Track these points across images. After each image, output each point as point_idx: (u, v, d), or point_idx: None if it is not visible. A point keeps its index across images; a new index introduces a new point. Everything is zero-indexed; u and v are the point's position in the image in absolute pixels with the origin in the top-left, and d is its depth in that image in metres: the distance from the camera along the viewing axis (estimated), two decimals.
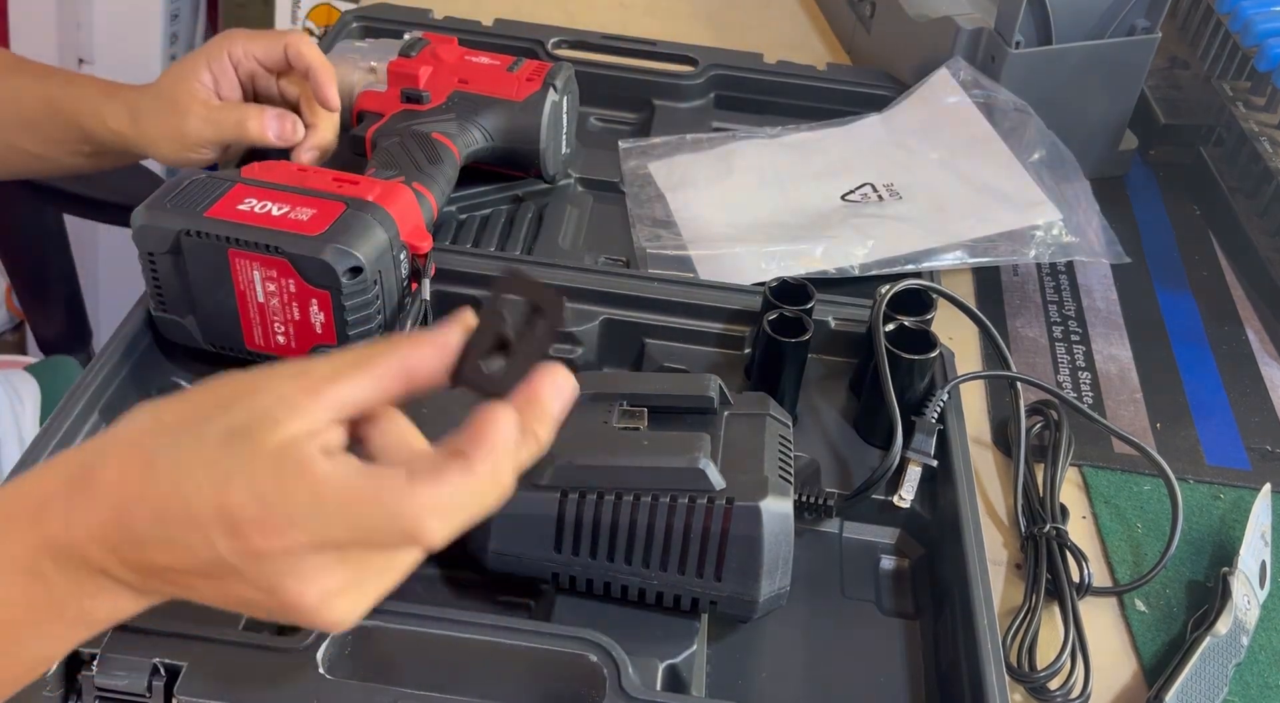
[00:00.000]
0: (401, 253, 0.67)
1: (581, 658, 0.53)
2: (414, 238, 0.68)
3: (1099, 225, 0.85)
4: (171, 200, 0.65)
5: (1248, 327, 0.89)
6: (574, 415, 0.62)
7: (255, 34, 0.76)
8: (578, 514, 0.57)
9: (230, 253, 0.63)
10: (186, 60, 0.75)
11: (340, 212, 0.64)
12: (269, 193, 0.65)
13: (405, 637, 0.54)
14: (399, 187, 0.69)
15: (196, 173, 0.67)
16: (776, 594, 0.57)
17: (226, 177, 0.67)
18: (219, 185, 0.66)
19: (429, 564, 0.63)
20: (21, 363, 1.11)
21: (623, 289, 0.75)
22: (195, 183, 0.66)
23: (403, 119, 0.79)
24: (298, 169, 0.69)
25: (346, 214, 0.64)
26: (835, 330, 0.75)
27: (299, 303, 0.64)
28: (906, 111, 0.95)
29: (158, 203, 0.65)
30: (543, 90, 0.82)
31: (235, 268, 0.64)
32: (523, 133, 0.81)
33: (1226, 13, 1.02)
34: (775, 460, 0.59)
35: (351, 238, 0.63)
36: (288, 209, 0.64)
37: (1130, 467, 0.76)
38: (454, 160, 0.77)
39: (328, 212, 0.64)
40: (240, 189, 0.66)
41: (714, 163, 0.91)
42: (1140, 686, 0.65)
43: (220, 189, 0.65)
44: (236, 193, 0.65)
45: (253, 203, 0.64)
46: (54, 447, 0.60)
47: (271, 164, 0.69)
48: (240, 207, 0.64)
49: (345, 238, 0.63)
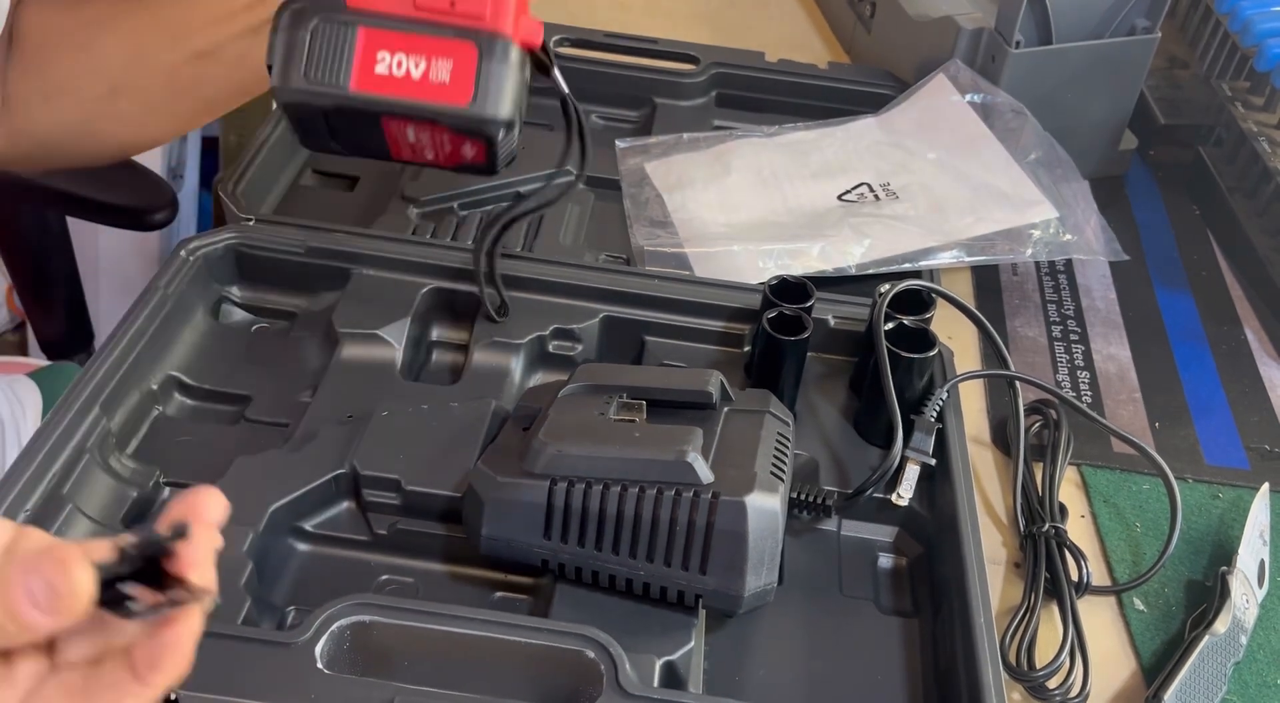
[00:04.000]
0: (527, 66, 0.66)
1: (579, 654, 0.53)
2: (531, 36, 0.66)
3: (1097, 224, 0.85)
4: (306, 68, 0.63)
5: (1247, 326, 0.89)
6: (572, 406, 0.62)
7: None
8: (566, 502, 0.57)
9: (384, 120, 0.64)
10: None
11: (475, 61, 0.63)
12: (397, 39, 0.63)
13: (403, 632, 0.54)
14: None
15: (307, 16, 0.64)
16: (762, 590, 0.57)
17: (344, 19, 0.63)
18: (344, 36, 0.63)
19: (428, 559, 0.63)
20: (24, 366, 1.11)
21: (623, 287, 0.75)
22: (318, 35, 0.63)
23: None
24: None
25: (483, 67, 0.63)
26: (834, 329, 0.75)
27: (451, 143, 0.66)
28: (903, 113, 0.95)
29: (292, 74, 0.63)
30: None
31: (388, 128, 0.64)
32: None
33: (1226, 13, 1.02)
34: (769, 457, 0.59)
35: (498, 98, 0.63)
36: (425, 65, 0.63)
37: (1129, 466, 0.76)
38: None
39: (464, 62, 0.63)
40: (365, 37, 0.63)
41: (711, 162, 0.91)
42: (1139, 684, 0.65)
43: (347, 41, 0.63)
44: (366, 45, 0.63)
45: (388, 59, 0.63)
46: (53, 444, 0.60)
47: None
48: (379, 69, 0.63)
49: (494, 101, 0.62)
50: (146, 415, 0.68)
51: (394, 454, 0.64)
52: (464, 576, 0.63)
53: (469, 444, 0.65)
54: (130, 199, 1.12)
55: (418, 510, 0.63)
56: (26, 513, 0.58)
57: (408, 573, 0.63)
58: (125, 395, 0.66)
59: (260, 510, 0.60)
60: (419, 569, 0.63)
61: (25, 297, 1.27)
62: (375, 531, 0.63)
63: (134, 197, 1.12)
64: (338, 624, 0.53)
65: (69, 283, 1.25)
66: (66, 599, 0.38)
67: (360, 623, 0.54)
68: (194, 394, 0.71)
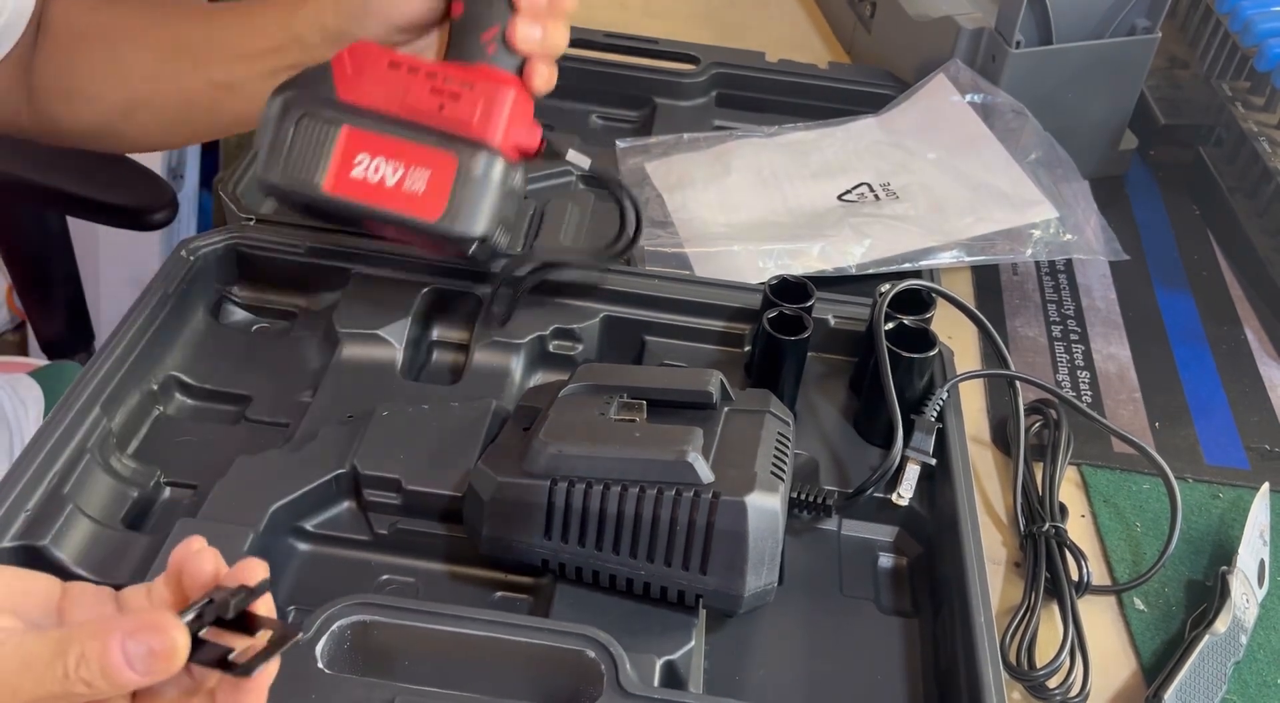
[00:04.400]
0: (515, 175, 0.65)
1: (579, 654, 0.53)
2: (525, 142, 0.65)
3: (1097, 223, 0.85)
4: (285, 164, 0.63)
5: (1247, 326, 0.89)
6: (572, 406, 0.62)
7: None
8: (566, 502, 0.57)
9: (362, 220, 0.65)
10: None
11: (453, 174, 0.63)
12: (379, 143, 0.63)
13: (404, 632, 0.54)
14: (503, 90, 0.64)
15: (295, 108, 0.64)
16: (763, 590, 0.57)
17: (329, 118, 0.64)
18: (326, 134, 0.63)
19: (428, 559, 0.63)
20: (24, 365, 1.11)
21: (623, 286, 0.75)
22: (302, 131, 0.63)
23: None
24: (389, 67, 0.64)
25: (459, 181, 0.63)
26: (835, 329, 0.75)
27: (430, 243, 0.67)
28: (903, 113, 0.95)
29: (273, 166, 0.63)
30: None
31: (367, 223, 0.65)
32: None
33: (1226, 13, 1.02)
34: (769, 457, 0.59)
35: (470, 216, 0.63)
36: (402, 172, 0.63)
37: (1129, 466, 0.76)
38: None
39: (441, 174, 0.63)
40: (347, 138, 0.63)
41: (711, 163, 0.91)
42: (1139, 684, 0.65)
43: (328, 141, 0.63)
44: (346, 147, 0.63)
45: (366, 163, 0.63)
46: (54, 444, 0.60)
47: (364, 54, 0.65)
48: (354, 173, 0.63)
49: (465, 218, 0.63)
50: (147, 415, 0.68)
51: (394, 454, 0.64)
52: (464, 575, 0.63)
53: (469, 444, 0.65)
54: (130, 199, 1.12)
55: (418, 510, 0.63)
56: (27, 513, 0.58)
57: (408, 573, 0.63)
58: (126, 395, 0.66)
59: (261, 511, 0.60)
60: (419, 569, 0.63)
61: (25, 296, 1.27)
62: (376, 530, 0.63)
63: (134, 196, 1.12)
64: (338, 624, 0.53)
65: (69, 283, 1.25)
66: (163, 661, 0.40)
67: (361, 623, 0.54)
68: (194, 394, 0.71)
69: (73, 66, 0.73)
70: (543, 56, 0.66)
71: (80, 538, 0.59)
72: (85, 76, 0.73)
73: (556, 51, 0.67)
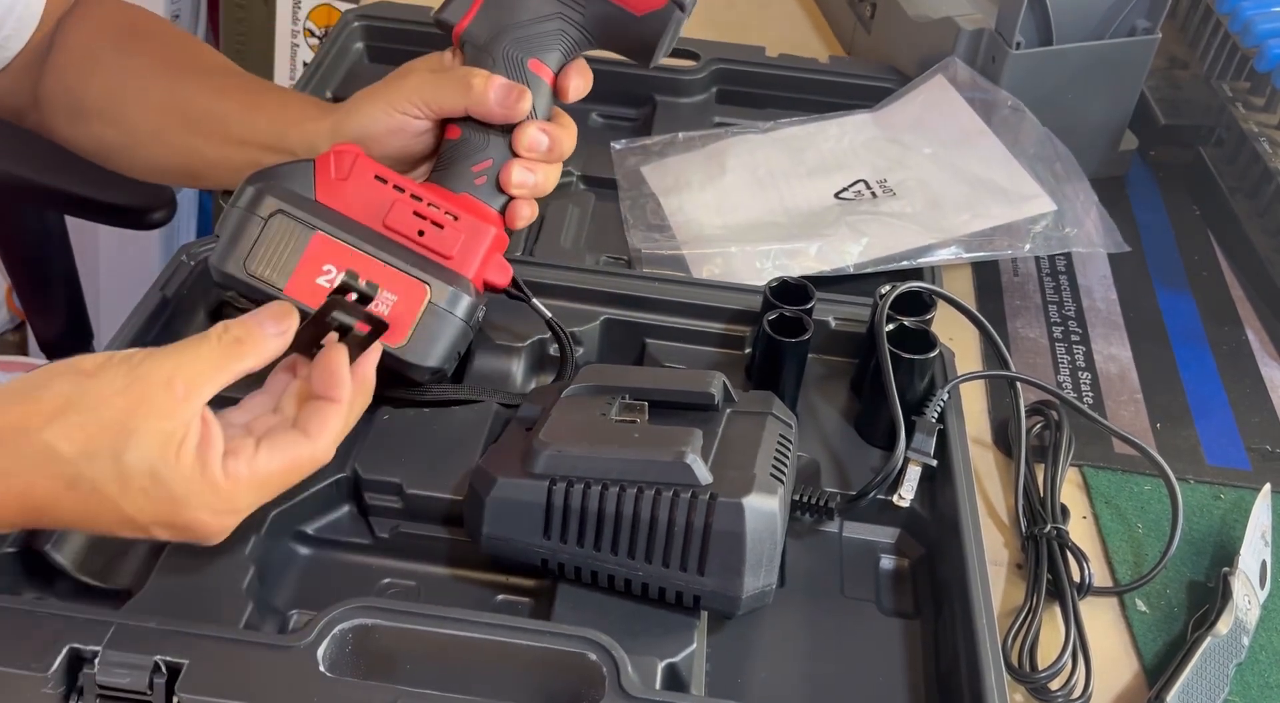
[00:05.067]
0: (479, 312, 0.65)
1: (581, 657, 0.53)
2: (496, 280, 0.66)
3: (1096, 216, 0.85)
4: (249, 259, 0.61)
5: (1247, 327, 0.89)
6: (574, 407, 0.62)
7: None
8: (565, 502, 0.57)
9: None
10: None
11: (421, 306, 0.62)
12: (350, 258, 0.62)
13: (405, 635, 0.54)
14: (485, 229, 0.64)
15: (268, 201, 0.62)
16: (761, 591, 0.57)
17: (303, 220, 0.62)
18: (297, 238, 0.61)
19: (430, 562, 0.63)
20: (25, 365, 1.11)
21: (623, 289, 0.75)
22: (272, 229, 0.61)
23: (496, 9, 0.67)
24: (374, 179, 0.64)
25: (426, 314, 0.62)
26: (835, 330, 0.75)
27: (383, 364, 0.63)
28: (899, 109, 0.95)
29: (232, 258, 0.61)
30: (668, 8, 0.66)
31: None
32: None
33: (1226, 13, 1.02)
34: (769, 458, 0.59)
35: (429, 349, 0.63)
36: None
37: (1130, 467, 0.76)
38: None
39: (409, 303, 0.62)
40: (317, 246, 0.62)
41: (707, 163, 0.91)
42: (1141, 686, 0.65)
43: (298, 246, 0.61)
44: (315, 254, 0.62)
45: (332, 273, 0.61)
46: None
47: (351, 161, 0.64)
48: (320, 281, 0.61)
49: (424, 350, 0.62)
50: None
51: (395, 458, 0.64)
52: (466, 579, 0.63)
53: (470, 447, 0.65)
54: (129, 199, 1.12)
55: (419, 514, 0.63)
56: None
57: (410, 576, 0.63)
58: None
59: (262, 515, 0.60)
60: (421, 572, 0.63)
61: (25, 297, 1.27)
62: (377, 534, 0.63)
63: (133, 196, 1.12)
64: (340, 628, 0.53)
65: (68, 283, 1.25)
66: (287, 333, 0.55)
67: (362, 626, 0.54)
68: None
69: (84, 90, 0.75)
70: (528, 199, 0.67)
71: (81, 542, 0.59)
72: (91, 105, 0.74)
73: (543, 194, 0.68)
